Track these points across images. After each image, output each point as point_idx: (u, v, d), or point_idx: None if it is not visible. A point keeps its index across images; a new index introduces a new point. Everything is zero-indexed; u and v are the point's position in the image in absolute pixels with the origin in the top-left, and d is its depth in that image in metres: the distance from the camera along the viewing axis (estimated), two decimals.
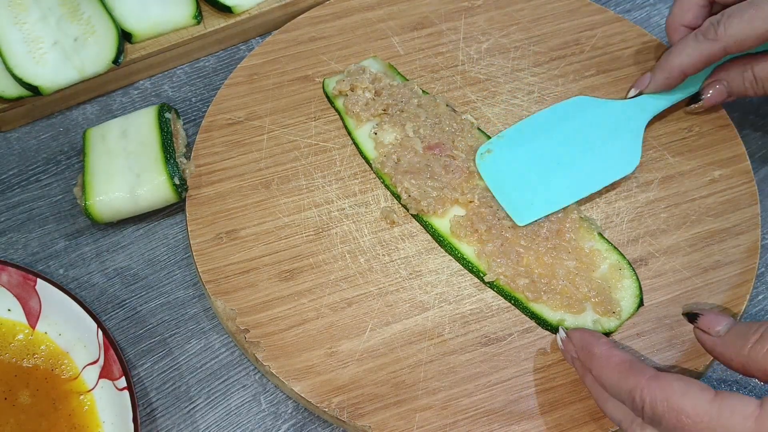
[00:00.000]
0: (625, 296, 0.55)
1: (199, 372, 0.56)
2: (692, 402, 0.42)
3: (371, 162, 0.62)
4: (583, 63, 0.69)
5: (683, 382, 0.43)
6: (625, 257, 0.57)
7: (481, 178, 0.60)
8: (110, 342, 0.52)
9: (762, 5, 0.56)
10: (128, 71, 0.69)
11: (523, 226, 0.58)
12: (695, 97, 0.63)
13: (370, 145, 0.63)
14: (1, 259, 0.58)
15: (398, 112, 0.63)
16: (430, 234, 0.59)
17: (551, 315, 0.55)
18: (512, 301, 0.56)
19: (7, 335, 0.56)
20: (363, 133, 0.63)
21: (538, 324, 0.55)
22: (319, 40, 0.70)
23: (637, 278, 0.56)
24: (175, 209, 0.63)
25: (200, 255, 0.58)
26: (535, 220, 0.58)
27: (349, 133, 0.64)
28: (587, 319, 0.54)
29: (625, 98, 0.65)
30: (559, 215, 0.58)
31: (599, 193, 0.61)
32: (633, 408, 0.45)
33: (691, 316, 0.49)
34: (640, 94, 0.64)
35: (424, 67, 0.69)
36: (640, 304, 0.55)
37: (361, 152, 0.63)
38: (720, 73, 0.62)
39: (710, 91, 0.62)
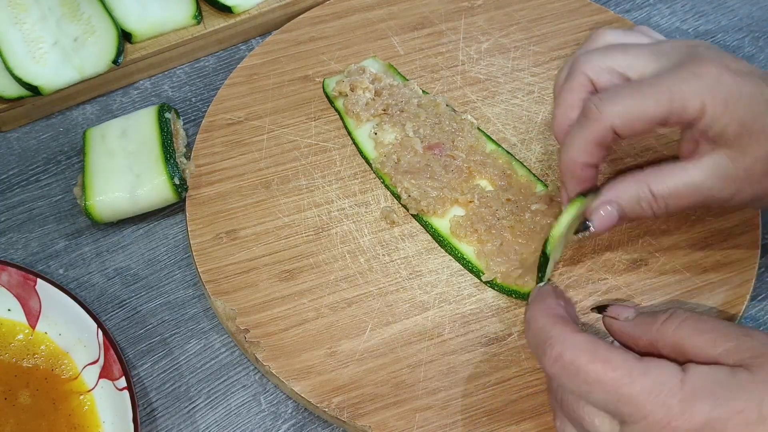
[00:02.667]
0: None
1: (199, 372, 0.56)
2: (622, 355, 0.43)
3: (371, 162, 0.62)
4: None
5: (607, 344, 0.43)
6: None
7: (482, 177, 0.60)
8: (110, 342, 0.52)
9: (645, 81, 0.49)
10: (128, 71, 0.69)
11: (524, 227, 0.58)
12: (583, 223, 0.52)
13: (370, 145, 0.63)
14: (1, 259, 0.58)
15: (398, 112, 0.63)
16: (429, 234, 0.59)
17: None
18: (512, 295, 0.56)
19: (7, 335, 0.56)
20: (363, 133, 0.63)
21: None
22: (319, 40, 0.70)
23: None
24: (175, 209, 0.63)
25: (200, 255, 0.58)
26: None
27: (349, 133, 0.64)
28: None
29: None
30: None
31: None
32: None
33: (600, 308, 0.49)
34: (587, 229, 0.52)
35: (424, 67, 0.69)
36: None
37: (361, 152, 0.63)
38: (609, 193, 0.51)
39: (597, 218, 0.51)
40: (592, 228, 0.51)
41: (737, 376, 0.41)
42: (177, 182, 0.59)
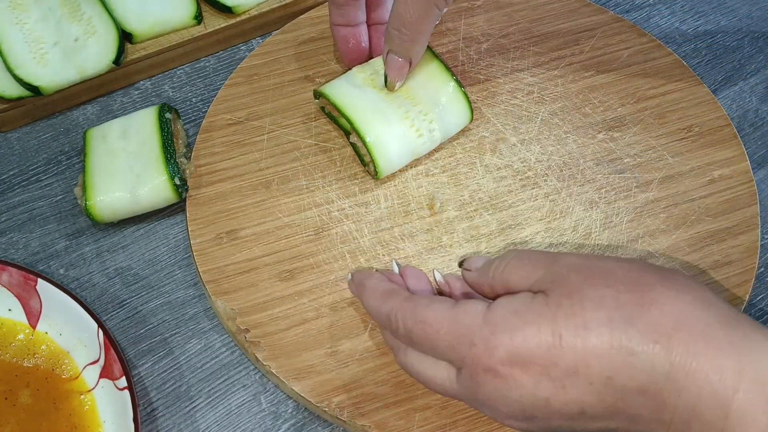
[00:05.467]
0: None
1: (199, 372, 0.56)
2: (434, 312, 0.44)
3: (365, 166, 0.62)
4: (583, 63, 0.69)
5: (429, 298, 0.46)
6: None
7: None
8: (111, 342, 0.52)
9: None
10: (128, 71, 0.69)
11: None
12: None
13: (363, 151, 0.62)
14: (2, 259, 0.58)
15: None
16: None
17: None
18: None
19: (7, 335, 0.56)
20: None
21: None
22: (319, 40, 0.70)
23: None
24: (175, 209, 0.63)
25: (200, 255, 0.58)
26: None
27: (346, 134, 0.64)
28: None
29: None
30: None
31: (599, 193, 0.61)
32: (392, 331, 0.47)
33: (461, 262, 0.51)
34: None
35: None
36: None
37: (354, 149, 0.63)
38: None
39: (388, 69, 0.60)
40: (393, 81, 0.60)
41: (533, 302, 0.42)
42: (177, 182, 0.59)
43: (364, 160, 0.62)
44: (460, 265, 0.50)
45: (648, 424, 0.40)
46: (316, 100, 0.64)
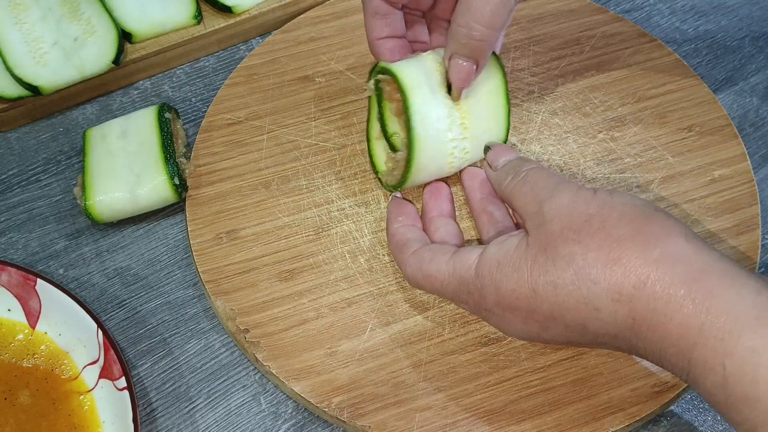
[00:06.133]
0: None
1: (199, 372, 0.56)
2: (435, 266, 0.50)
3: (379, 174, 0.61)
4: (583, 63, 0.69)
5: (431, 251, 0.51)
6: None
7: None
8: (110, 342, 0.52)
9: None
10: (128, 71, 0.69)
11: None
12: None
13: (383, 158, 0.61)
14: (1, 259, 0.58)
15: None
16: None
17: None
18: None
19: (7, 335, 0.56)
20: (381, 145, 0.61)
21: None
22: (319, 40, 0.70)
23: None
24: (175, 209, 0.63)
25: (200, 255, 0.58)
26: None
27: (368, 138, 0.62)
28: None
29: None
30: None
31: None
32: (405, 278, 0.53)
33: (486, 149, 0.56)
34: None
35: None
36: None
37: (371, 157, 0.61)
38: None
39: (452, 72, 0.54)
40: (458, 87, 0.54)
41: (515, 252, 0.47)
42: (177, 182, 0.59)
43: (378, 165, 0.60)
44: (486, 151, 0.55)
45: (629, 351, 0.45)
46: (374, 78, 0.57)
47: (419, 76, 0.54)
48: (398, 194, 0.59)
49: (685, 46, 0.75)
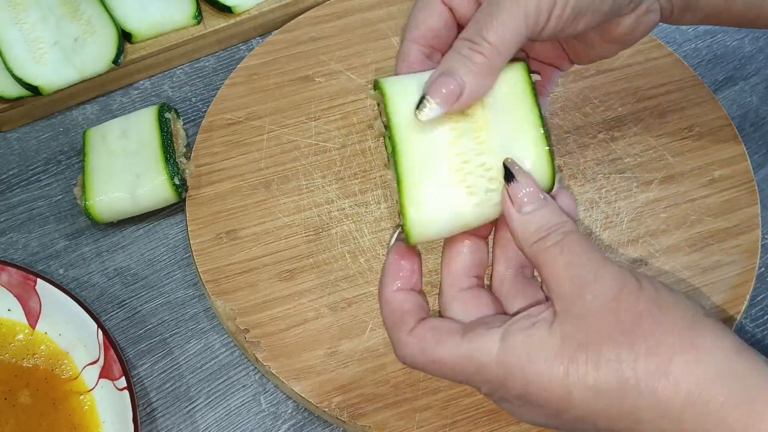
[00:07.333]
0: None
1: (199, 372, 0.56)
2: (445, 350, 0.41)
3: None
4: None
5: (435, 332, 0.42)
6: None
7: None
8: (110, 342, 0.52)
9: None
10: (128, 71, 0.69)
11: None
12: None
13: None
14: (1, 259, 0.58)
15: None
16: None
17: None
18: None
19: (7, 335, 0.56)
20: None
21: None
22: (319, 40, 0.70)
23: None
24: (175, 209, 0.63)
25: (200, 255, 0.58)
26: None
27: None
28: None
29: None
30: None
31: (599, 193, 0.61)
32: (399, 360, 0.44)
33: (509, 175, 0.42)
34: None
35: None
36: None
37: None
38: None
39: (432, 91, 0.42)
40: (428, 103, 0.42)
41: (549, 344, 0.40)
42: (177, 182, 0.59)
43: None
44: (508, 179, 0.42)
45: None
46: (372, 92, 0.45)
47: (410, 83, 0.44)
48: (401, 241, 0.45)
49: (684, 46, 0.75)
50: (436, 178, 0.43)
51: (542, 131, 0.43)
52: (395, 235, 0.45)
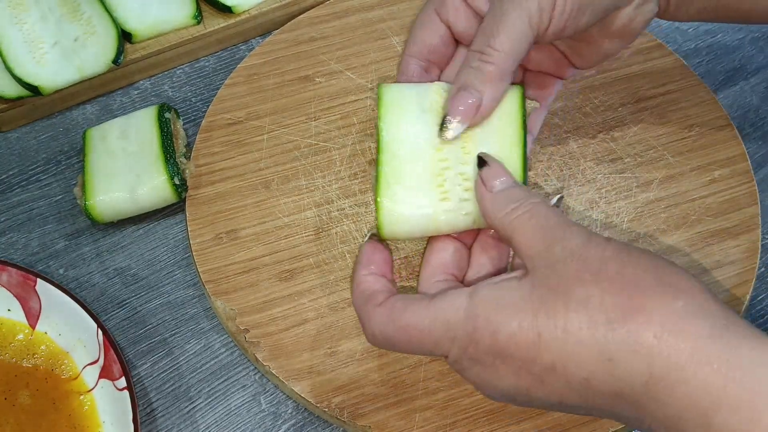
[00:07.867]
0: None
1: (199, 372, 0.56)
2: (413, 315, 0.43)
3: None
4: None
5: (403, 300, 0.43)
6: None
7: None
8: (110, 342, 0.52)
9: None
10: (128, 71, 0.69)
11: None
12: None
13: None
14: (1, 259, 0.58)
15: None
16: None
17: None
18: None
19: (7, 335, 0.56)
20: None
21: None
22: (319, 40, 0.70)
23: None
24: (175, 209, 0.63)
25: (200, 255, 0.58)
26: None
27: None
28: None
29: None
30: None
31: (599, 193, 0.61)
32: (368, 338, 0.45)
33: (480, 162, 0.46)
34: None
35: None
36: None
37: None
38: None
39: (455, 108, 0.47)
40: (449, 123, 0.46)
41: (518, 292, 0.41)
42: (177, 182, 0.59)
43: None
44: (480, 165, 0.45)
45: (628, 420, 0.40)
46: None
47: (409, 92, 0.48)
48: (375, 237, 0.48)
49: (684, 46, 0.75)
50: (414, 179, 0.46)
51: (523, 155, 0.47)
52: (372, 231, 0.48)
